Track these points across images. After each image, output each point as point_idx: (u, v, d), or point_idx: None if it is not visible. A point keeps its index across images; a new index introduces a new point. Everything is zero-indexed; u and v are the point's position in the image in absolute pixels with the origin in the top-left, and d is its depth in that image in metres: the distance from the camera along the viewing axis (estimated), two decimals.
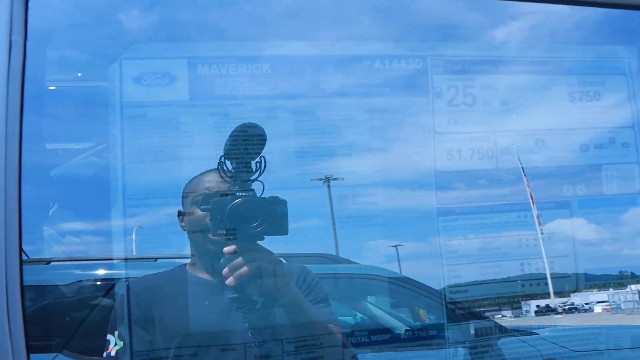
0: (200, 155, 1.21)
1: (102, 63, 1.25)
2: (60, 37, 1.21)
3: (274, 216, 1.03)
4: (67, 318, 2.53)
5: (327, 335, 1.17)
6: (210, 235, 1.08)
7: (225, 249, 1.04)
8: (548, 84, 1.47)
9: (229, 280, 1.02)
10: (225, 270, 1.03)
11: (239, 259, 1.02)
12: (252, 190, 1.06)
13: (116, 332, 1.19)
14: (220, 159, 1.08)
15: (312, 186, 1.30)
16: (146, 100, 1.20)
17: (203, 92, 1.23)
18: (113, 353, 1.17)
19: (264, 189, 1.08)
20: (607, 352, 3.06)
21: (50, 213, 1.65)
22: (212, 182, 1.25)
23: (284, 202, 1.06)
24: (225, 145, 1.09)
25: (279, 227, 1.04)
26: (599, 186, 1.50)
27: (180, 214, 1.32)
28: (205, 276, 1.28)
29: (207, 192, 1.22)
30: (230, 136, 1.08)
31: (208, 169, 1.29)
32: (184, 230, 1.29)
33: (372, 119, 1.25)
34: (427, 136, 1.28)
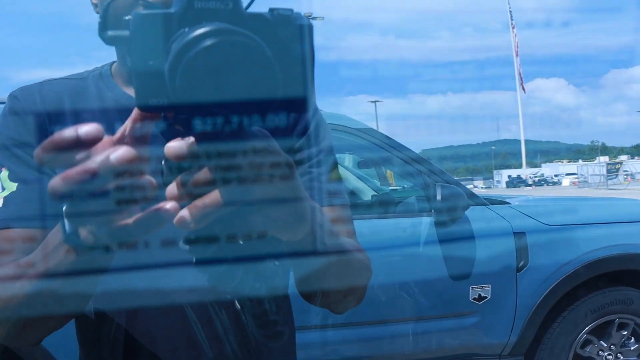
0: None
1: None
2: None
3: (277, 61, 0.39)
4: None
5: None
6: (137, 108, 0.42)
7: (171, 147, 0.41)
8: None
9: (182, 217, 0.42)
10: (171, 191, 0.42)
11: (205, 175, 0.41)
12: None
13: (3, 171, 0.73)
14: None
15: None
16: None
17: None
18: None
19: None
20: (579, 226, 2.96)
21: None
22: None
23: (301, 28, 0.41)
24: None
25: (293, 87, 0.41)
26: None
27: None
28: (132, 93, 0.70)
29: None
30: None
31: None
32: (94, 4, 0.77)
33: None
34: None
